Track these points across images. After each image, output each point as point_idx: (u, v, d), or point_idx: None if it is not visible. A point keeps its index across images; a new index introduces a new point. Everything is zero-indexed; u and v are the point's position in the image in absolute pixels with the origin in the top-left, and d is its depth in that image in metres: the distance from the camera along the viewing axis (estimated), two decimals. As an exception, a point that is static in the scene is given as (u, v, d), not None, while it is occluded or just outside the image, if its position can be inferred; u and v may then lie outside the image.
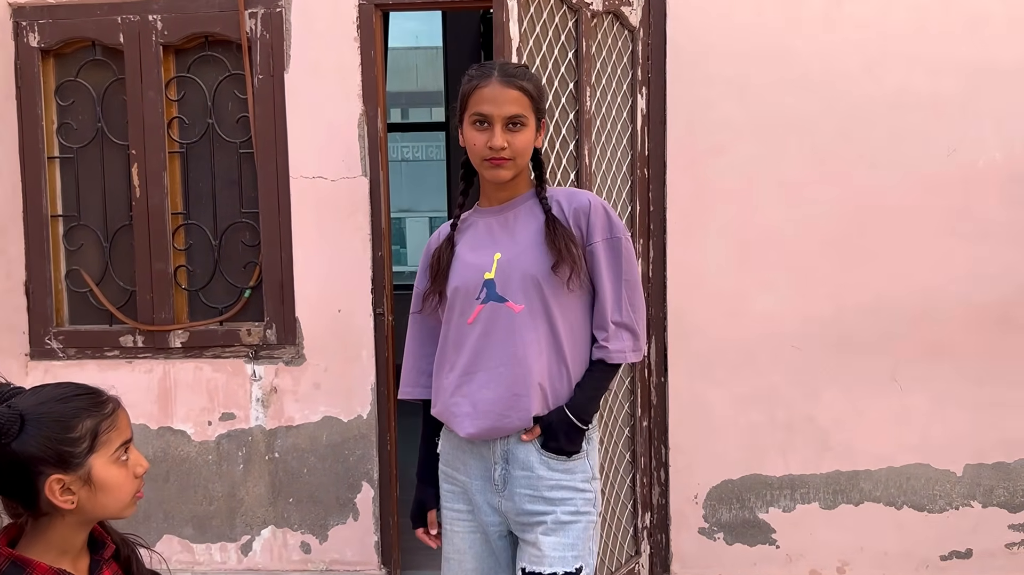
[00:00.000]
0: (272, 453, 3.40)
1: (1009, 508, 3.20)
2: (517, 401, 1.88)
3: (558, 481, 1.90)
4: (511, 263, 1.90)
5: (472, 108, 1.90)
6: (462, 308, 1.93)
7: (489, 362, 1.90)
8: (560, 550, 1.88)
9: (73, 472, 1.39)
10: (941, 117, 3.11)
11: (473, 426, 1.90)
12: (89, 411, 1.42)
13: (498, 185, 1.95)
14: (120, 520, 1.55)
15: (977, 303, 3.14)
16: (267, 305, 3.38)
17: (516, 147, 1.89)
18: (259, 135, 3.33)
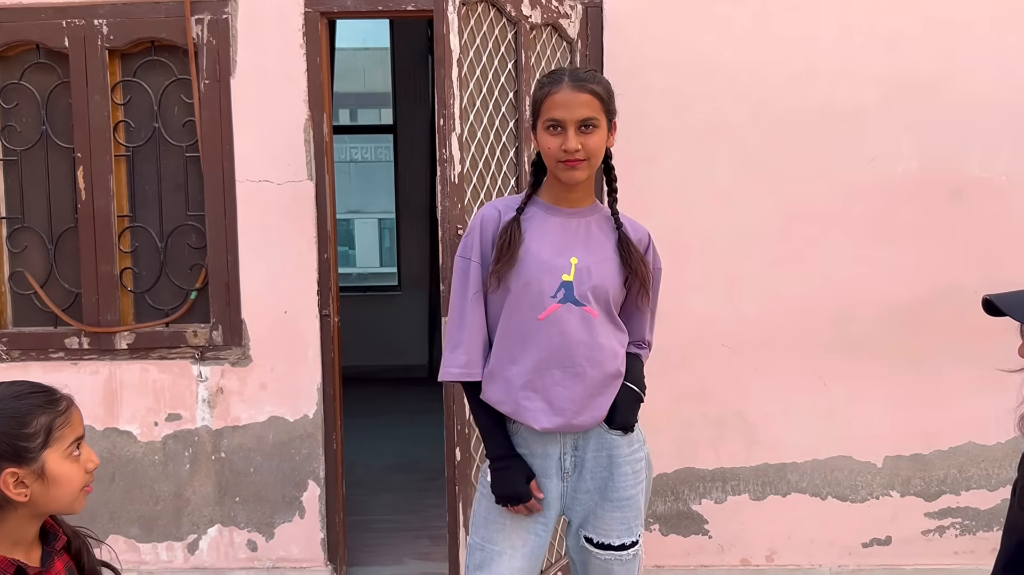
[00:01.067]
0: (219, 453, 3.45)
1: (925, 497, 3.39)
2: (593, 400, 2.02)
3: (624, 457, 2.08)
4: (591, 271, 2.03)
5: (545, 114, 1.99)
6: (532, 303, 2.01)
7: (565, 361, 2.01)
8: (624, 523, 2.09)
9: (27, 466, 1.46)
10: (862, 128, 3.29)
11: (549, 421, 2.02)
12: (44, 408, 1.49)
13: (570, 187, 2.05)
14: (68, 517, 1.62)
15: (896, 304, 3.32)
16: (213, 307, 3.42)
17: (589, 148, 1.99)
18: (205, 139, 3.38)
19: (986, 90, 3.26)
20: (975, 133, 3.28)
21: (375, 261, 19.16)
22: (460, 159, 2.59)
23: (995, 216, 3.29)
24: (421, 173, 7.49)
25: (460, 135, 2.58)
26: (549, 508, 2.09)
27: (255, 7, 3.33)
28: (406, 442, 5.44)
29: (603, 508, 2.08)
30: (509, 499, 2.04)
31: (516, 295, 2.02)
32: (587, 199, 2.11)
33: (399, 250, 7.87)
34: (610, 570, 2.12)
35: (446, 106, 2.53)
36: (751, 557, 3.43)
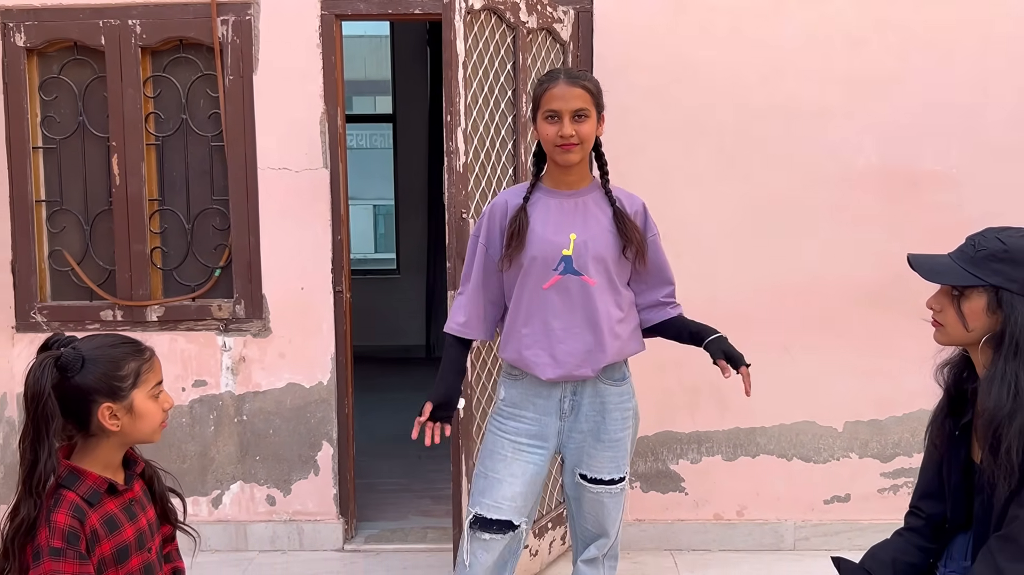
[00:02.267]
0: (240, 416, 3.78)
1: (881, 459, 3.74)
2: (590, 355, 2.40)
3: (615, 404, 2.47)
4: (587, 245, 2.37)
5: (544, 106, 2.36)
6: (538, 275, 2.39)
7: (567, 323, 2.38)
8: (614, 461, 2.47)
9: (119, 402, 1.80)
10: (826, 123, 3.62)
11: (554, 372, 2.39)
12: (133, 356, 1.83)
13: (566, 169, 2.39)
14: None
15: (856, 284, 3.66)
16: (236, 283, 3.75)
17: (582, 134, 2.34)
18: (229, 130, 3.70)
19: (939, 90, 3.59)
20: (929, 130, 3.61)
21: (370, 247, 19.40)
22: (465, 151, 2.92)
23: (947, 206, 3.62)
24: (420, 161, 7.77)
25: (465, 129, 2.91)
26: (547, 442, 2.47)
27: (276, 9, 3.64)
28: (405, 416, 5.72)
29: (595, 448, 2.46)
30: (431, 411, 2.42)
31: (525, 269, 2.40)
32: (584, 180, 2.46)
33: (398, 235, 8.17)
34: (601, 502, 2.51)
35: (452, 103, 2.86)
36: (723, 512, 3.78)
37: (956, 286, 1.85)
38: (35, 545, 1.70)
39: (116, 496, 1.83)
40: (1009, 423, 1.75)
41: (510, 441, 2.48)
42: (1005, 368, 1.78)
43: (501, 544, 2.47)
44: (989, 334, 1.83)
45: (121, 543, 1.80)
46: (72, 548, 1.70)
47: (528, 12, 3.23)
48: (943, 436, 2.02)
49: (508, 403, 2.52)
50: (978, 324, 1.83)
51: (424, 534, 3.90)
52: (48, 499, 1.73)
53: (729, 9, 3.60)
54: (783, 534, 3.75)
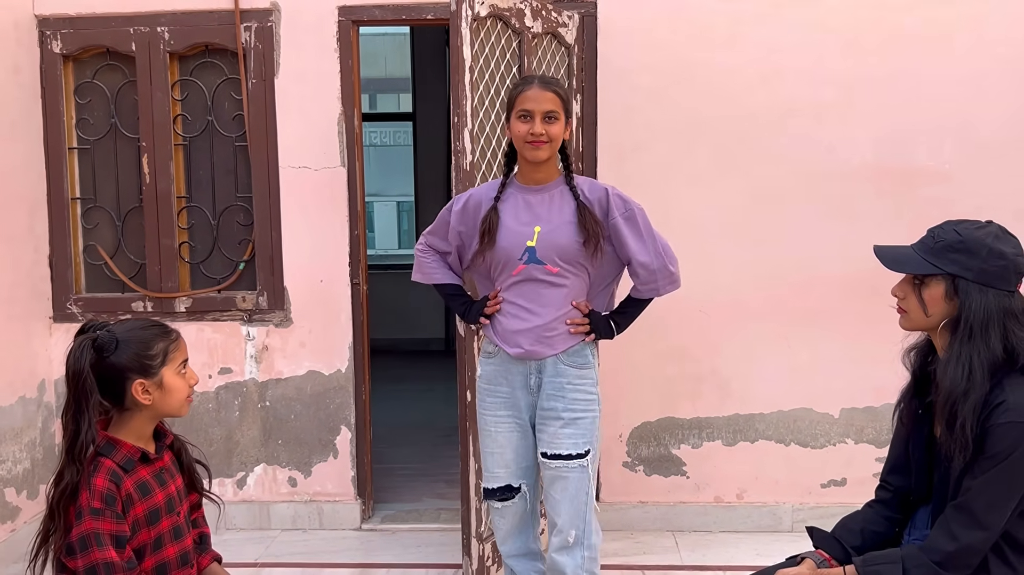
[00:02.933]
0: (264, 402, 3.99)
1: (876, 444, 3.87)
2: (548, 336, 2.63)
3: (575, 385, 2.65)
4: (549, 236, 2.59)
5: (518, 106, 2.58)
6: (506, 264, 2.63)
7: (530, 306, 2.63)
8: (572, 438, 2.63)
9: (150, 378, 2.00)
10: (822, 121, 3.75)
11: (520, 348, 2.64)
12: (161, 337, 2.03)
13: (535, 166, 2.61)
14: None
15: (851, 277, 3.78)
16: (259, 276, 3.95)
17: (551, 133, 2.57)
18: (252, 131, 3.89)
19: (932, 88, 3.71)
20: (922, 127, 3.74)
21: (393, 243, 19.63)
22: (471, 150, 3.10)
23: (940, 200, 3.72)
24: (439, 158, 7.93)
25: (471, 130, 3.09)
26: (522, 413, 2.72)
27: (296, 16, 3.84)
28: (424, 405, 5.98)
29: (555, 425, 2.65)
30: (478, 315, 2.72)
31: (496, 259, 2.66)
32: (551, 177, 2.68)
33: (418, 231, 8.35)
34: (562, 477, 2.63)
35: (459, 105, 3.04)
36: (723, 495, 3.93)
37: (917, 275, 2.01)
38: (77, 506, 1.90)
39: (148, 464, 2.03)
40: (964, 400, 1.90)
41: (491, 416, 2.74)
42: (960, 350, 1.93)
43: (512, 509, 2.77)
44: (947, 319, 1.98)
45: (153, 506, 2.00)
46: (110, 508, 1.90)
47: (533, 17, 3.40)
48: (909, 415, 2.18)
49: (485, 380, 2.76)
50: (937, 310, 1.99)
51: (438, 514, 4.09)
52: (88, 465, 1.93)
53: (728, 12, 3.74)
54: (781, 516, 3.89)
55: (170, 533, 2.04)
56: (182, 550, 2.07)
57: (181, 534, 2.08)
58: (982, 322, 1.90)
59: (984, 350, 1.90)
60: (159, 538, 2.01)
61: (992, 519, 1.86)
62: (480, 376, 2.79)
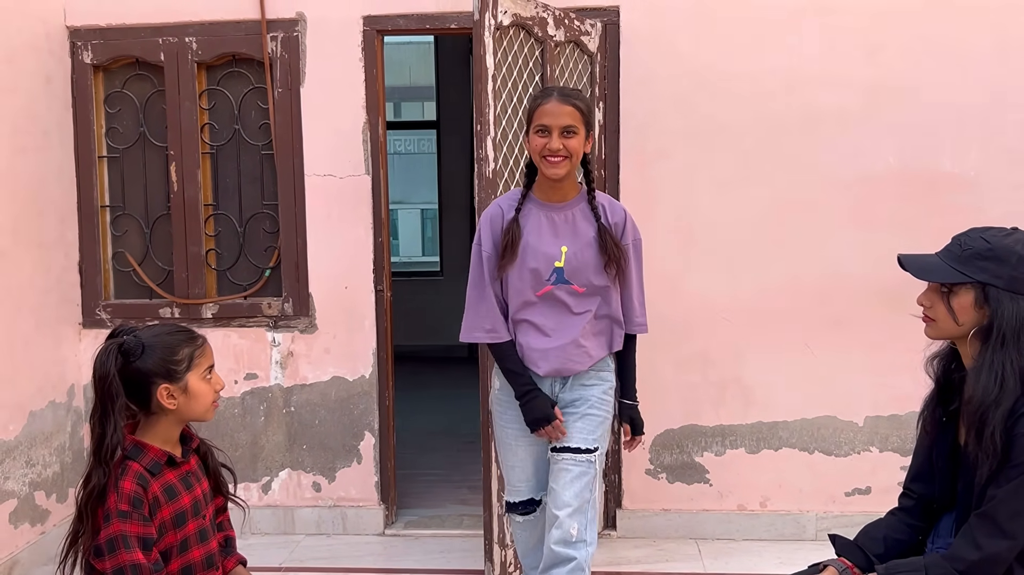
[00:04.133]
0: (289, 407, 4.03)
1: (901, 452, 3.84)
2: (578, 353, 2.63)
3: (592, 384, 2.68)
4: (577, 257, 2.59)
5: (536, 120, 2.53)
6: (534, 284, 2.61)
7: (557, 325, 2.62)
8: (582, 432, 2.63)
9: (176, 383, 2.03)
10: (846, 128, 3.74)
11: (546, 367, 2.63)
12: (187, 343, 2.06)
13: (555, 183, 2.57)
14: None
15: (875, 284, 3.76)
16: (285, 283, 3.99)
17: (570, 148, 2.51)
18: (278, 139, 3.94)
19: (956, 94, 3.69)
20: (947, 133, 3.71)
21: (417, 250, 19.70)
22: (494, 158, 3.12)
23: (965, 207, 3.70)
24: (462, 166, 7.95)
25: (494, 138, 3.11)
26: None
27: (321, 26, 3.88)
28: (447, 412, 5.99)
29: (568, 419, 2.65)
30: (540, 422, 2.62)
31: (522, 278, 2.61)
32: (572, 193, 2.64)
33: (442, 238, 8.39)
34: (567, 469, 2.59)
35: (482, 114, 3.06)
36: (746, 503, 3.91)
37: (945, 283, 2.00)
38: (105, 508, 1.94)
39: (175, 468, 2.06)
40: (995, 408, 1.89)
41: (511, 429, 2.71)
42: (993, 358, 1.92)
43: (534, 523, 2.78)
44: (977, 327, 1.97)
45: (179, 509, 2.03)
46: (137, 511, 1.94)
47: (556, 26, 3.42)
48: (933, 423, 2.17)
49: (504, 393, 2.73)
50: (967, 318, 1.97)
51: (460, 520, 4.10)
52: (116, 469, 1.97)
53: (751, 19, 3.74)
54: (805, 525, 3.87)
55: (196, 536, 2.07)
56: (208, 553, 2.10)
57: (207, 537, 2.11)
58: (1015, 330, 1.89)
59: (1017, 358, 1.89)
60: (185, 541, 2.04)
61: (1017, 528, 1.85)
62: (499, 389, 2.76)
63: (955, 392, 2.13)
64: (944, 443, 2.13)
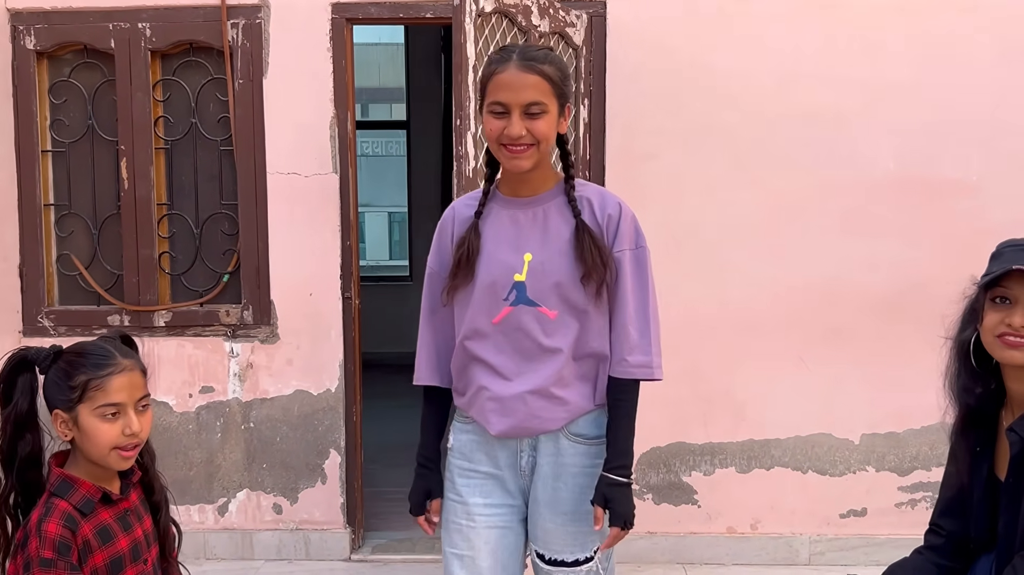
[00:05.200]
0: (248, 423, 3.75)
1: (898, 472, 3.66)
2: (547, 405, 1.92)
3: (581, 467, 1.96)
4: (544, 267, 1.89)
5: (490, 96, 1.86)
6: (488, 306, 1.92)
7: (520, 365, 1.92)
8: (578, 538, 1.96)
9: (67, 413, 1.72)
10: (843, 129, 3.55)
11: (502, 424, 1.93)
12: (88, 369, 1.71)
13: (520, 175, 1.91)
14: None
15: (872, 293, 3.59)
16: (244, 289, 3.72)
17: (537, 133, 1.84)
18: (238, 134, 3.67)
19: (958, 96, 3.52)
20: (948, 136, 3.54)
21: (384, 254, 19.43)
22: (474, 155, 2.88)
23: (966, 214, 3.54)
24: (433, 168, 7.76)
25: (475, 134, 2.87)
26: (513, 498, 2.01)
27: (286, 13, 3.62)
28: (417, 423, 5.71)
29: (553, 522, 1.97)
30: (410, 507, 2.08)
31: (474, 299, 1.95)
32: (547, 183, 1.96)
33: (411, 242, 8.16)
34: None
35: (462, 107, 2.82)
36: (736, 525, 3.71)
37: None
38: (25, 555, 1.66)
39: (111, 506, 1.78)
40: None
41: (462, 505, 2.00)
42: None
43: None
44: None
45: (115, 554, 1.75)
46: (63, 559, 1.66)
47: (540, 16, 3.19)
48: (965, 453, 1.95)
49: (458, 453, 2.05)
50: None
51: (432, 544, 3.84)
52: (40, 508, 1.69)
53: (744, 14, 3.54)
54: (798, 548, 3.67)
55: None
56: (150, 603, 1.82)
57: (149, 583, 1.83)
58: None
59: None
60: (123, 589, 1.77)
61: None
62: (451, 447, 2.07)
63: (986, 419, 1.91)
64: (979, 476, 1.91)
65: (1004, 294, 1.74)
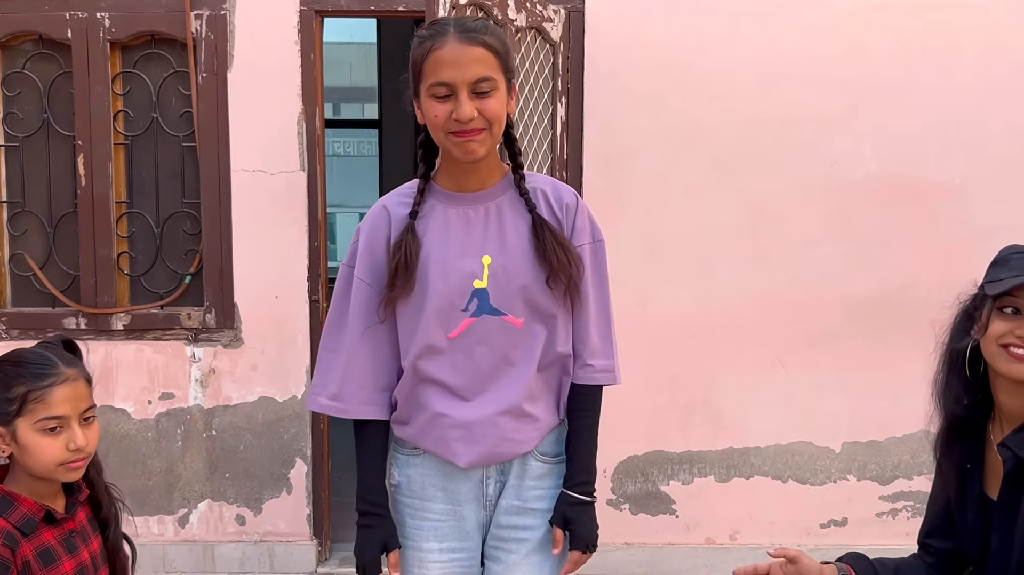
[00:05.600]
0: (210, 431, 3.60)
1: (880, 482, 3.59)
2: (518, 425, 1.74)
3: (548, 489, 1.80)
4: (507, 271, 1.70)
5: (429, 77, 1.63)
6: (443, 319, 1.70)
7: (483, 383, 1.73)
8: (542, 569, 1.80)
9: (5, 427, 1.58)
10: (825, 131, 3.48)
11: (471, 453, 1.72)
12: (27, 379, 1.58)
13: (469, 165, 1.69)
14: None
15: (853, 298, 3.51)
16: (207, 291, 3.57)
17: (489, 113, 1.62)
18: (202, 130, 3.52)
19: (942, 98, 3.45)
20: (932, 138, 3.48)
21: (356, 255, 19.20)
22: (447, 153, 2.76)
23: (949, 218, 3.48)
24: (405, 168, 7.63)
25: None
26: (467, 540, 1.80)
27: (252, 4, 3.48)
28: (387, 429, 5.59)
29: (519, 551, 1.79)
30: (359, 566, 1.79)
31: (423, 312, 1.70)
32: (495, 175, 1.74)
33: (382, 243, 8.01)
34: None
35: (435, 103, 2.70)
36: (715, 536, 3.62)
37: None
38: (-43, 581, 1.52)
39: (55, 526, 1.64)
40: None
41: (414, 550, 1.79)
42: None
43: None
44: None
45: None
46: None
47: (516, 9, 3.08)
48: (952, 469, 1.85)
49: (406, 491, 1.81)
50: None
51: (402, 556, 3.71)
52: None
53: (726, 12, 3.45)
54: (777, 559, 3.58)
55: (80, 611, 1.66)
56: (96, 630, 1.69)
57: (95, 610, 1.70)
58: None
59: None
60: (65, 619, 1.63)
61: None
62: (395, 485, 1.82)
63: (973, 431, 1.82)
64: (971, 494, 1.82)
65: (1015, 304, 1.65)
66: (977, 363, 1.73)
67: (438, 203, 1.74)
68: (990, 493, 1.77)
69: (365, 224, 1.77)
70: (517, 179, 1.74)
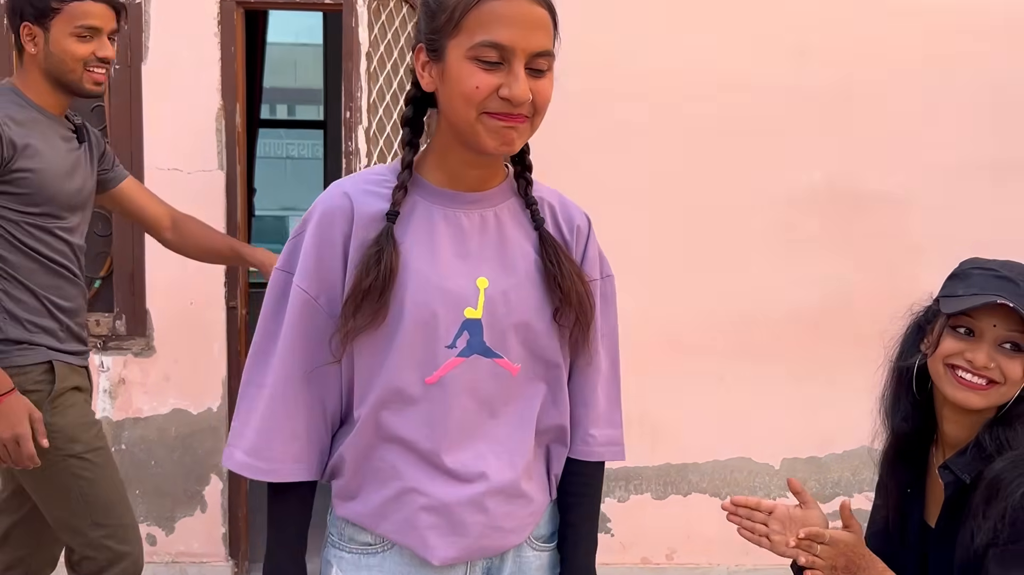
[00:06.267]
0: (119, 445, 3.40)
1: (820, 499, 3.47)
2: (513, 509, 1.32)
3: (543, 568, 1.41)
4: (508, 299, 1.29)
5: (478, 32, 1.18)
6: (420, 357, 1.26)
7: (471, 449, 1.29)
8: None
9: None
10: (770, 139, 3.39)
11: (450, 547, 1.29)
12: None
13: (481, 157, 1.27)
14: None
15: (796, 310, 3.42)
16: (117, 296, 3.38)
17: (541, 99, 1.25)
18: (114, 125, 3.33)
19: (885, 107, 3.39)
20: (875, 147, 3.41)
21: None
22: (367, 152, 2.61)
23: (892, 228, 3.42)
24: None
25: (367, 128, 2.60)
26: None
27: (169, -6, 3.30)
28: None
29: None
30: None
31: (396, 343, 1.25)
32: (498, 175, 1.34)
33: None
34: None
35: (353, 99, 2.55)
36: (651, 556, 3.49)
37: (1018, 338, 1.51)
38: None
39: None
40: None
41: None
42: None
43: None
44: None
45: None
46: None
47: (446, 3, 2.93)
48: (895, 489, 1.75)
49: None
50: None
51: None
52: None
53: (670, 16, 3.37)
54: (715, 580, 3.48)
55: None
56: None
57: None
58: None
59: None
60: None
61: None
62: None
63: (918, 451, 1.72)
64: (911, 521, 1.72)
65: (970, 325, 1.53)
66: (925, 381, 1.64)
67: (421, 200, 1.29)
68: (929, 520, 1.70)
69: (315, 215, 1.28)
70: (522, 185, 1.35)
